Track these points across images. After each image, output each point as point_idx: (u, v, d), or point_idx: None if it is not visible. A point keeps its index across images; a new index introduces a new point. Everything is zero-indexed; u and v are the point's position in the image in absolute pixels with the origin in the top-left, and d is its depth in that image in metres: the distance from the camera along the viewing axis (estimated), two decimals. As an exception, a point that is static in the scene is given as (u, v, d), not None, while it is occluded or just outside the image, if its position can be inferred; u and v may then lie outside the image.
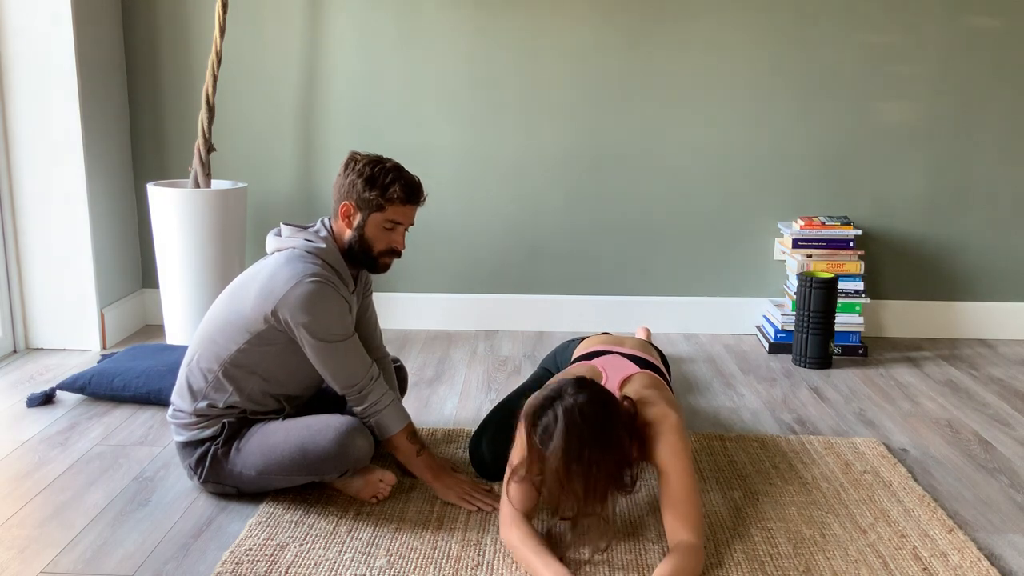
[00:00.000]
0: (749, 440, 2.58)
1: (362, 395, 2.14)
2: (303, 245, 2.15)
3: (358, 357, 2.13)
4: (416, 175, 2.19)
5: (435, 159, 3.61)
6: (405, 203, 2.15)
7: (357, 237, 2.16)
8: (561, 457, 1.78)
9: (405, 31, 3.51)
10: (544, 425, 1.83)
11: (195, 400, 2.16)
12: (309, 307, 2.04)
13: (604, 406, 1.86)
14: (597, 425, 1.82)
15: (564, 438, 1.79)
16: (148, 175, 3.63)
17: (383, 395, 2.16)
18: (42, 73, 3.18)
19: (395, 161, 2.17)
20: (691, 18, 3.46)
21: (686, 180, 3.60)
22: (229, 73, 3.52)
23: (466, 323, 3.74)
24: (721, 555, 1.96)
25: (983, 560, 1.94)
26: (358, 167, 2.13)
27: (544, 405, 1.86)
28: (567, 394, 1.85)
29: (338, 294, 2.10)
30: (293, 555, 1.94)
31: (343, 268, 2.18)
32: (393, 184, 2.12)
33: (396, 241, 2.19)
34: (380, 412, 2.15)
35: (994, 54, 3.46)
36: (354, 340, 2.13)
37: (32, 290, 3.34)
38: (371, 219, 2.14)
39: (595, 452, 1.80)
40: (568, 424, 1.80)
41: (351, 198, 2.14)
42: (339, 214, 2.17)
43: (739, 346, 3.55)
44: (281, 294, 2.05)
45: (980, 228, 3.61)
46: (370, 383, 2.14)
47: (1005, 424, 2.76)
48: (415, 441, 2.20)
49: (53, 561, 1.93)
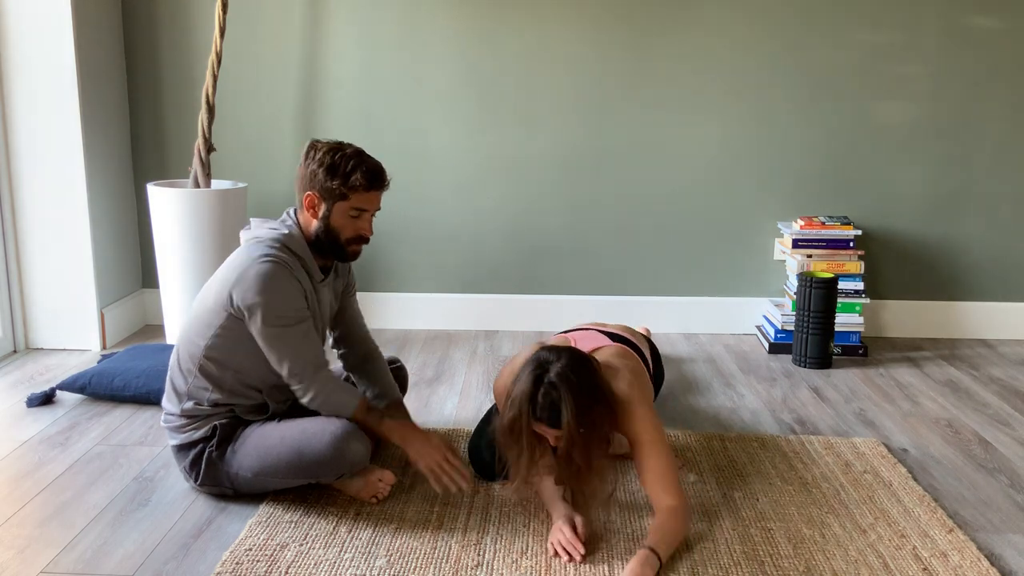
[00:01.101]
0: (749, 440, 2.58)
1: (305, 385, 2.09)
2: (266, 234, 2.13)
3: (308, 345, 2.09)
4: (378, 159, 2.15)
5: (435, 159, 3.61)
6: (368, 190, 2.11)
7: (323, 227, 2.13)
8: (575, 421, 1.83)
9: (405, 31, 3.51)
10: (547, 403, 1.85)
11: (181, 401, 2.16)
12: (260, 287, 2.02)
13: (584, 361, 1.93)
14: (590, 381, 1.89)
15: (573, 402, 1.83)
16: (148, 175, 3.63)
17: (327, 382, 2.11)
18: (42, 73, 3.18)
19: (355, 146, 2.13)
20: (691, 18, 3.46)
21: (686, 180, 3.60)
22: (229, 73, 3.52)
23: (466, 323, 3.74)
24: (721, 555, 1.96)
25: (983, 560, 1.94)
26: (318, 156, 2.09)
27: (535, 385, 1.88)
28: (550, 363, 1.89)
29: (292, 276, 2.06)
30: (293, 555, 1.94)
31: (308, 256, 2.15)
32: (355, 171, 2.08)
33: (363, 228, 2.16)
34: (327, 399, 2.11)
35: (994, 54, 3.46)
36: (305, 327, 2.09)
37: (32, 290, 3.34)
38: (336, 208, 2.11)
39: (597, 406, 1.86)
40: (569, 388, 1.84)
41: (314, 188, 2.10)
42: (304, 205, 2.13)
43: (739, 346, 3.55)
44: (234, 278, 2.05)
45: (980, 228, 3.61)
46: (315, 372, 2.09)
47: (1005, 424, 2.76)
48: (373, 412, 2.17)
49: (53, 561, 1.93)
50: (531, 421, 1.89)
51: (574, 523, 1.97)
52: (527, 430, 1.91)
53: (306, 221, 2.16)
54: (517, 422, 1.90)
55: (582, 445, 1.86)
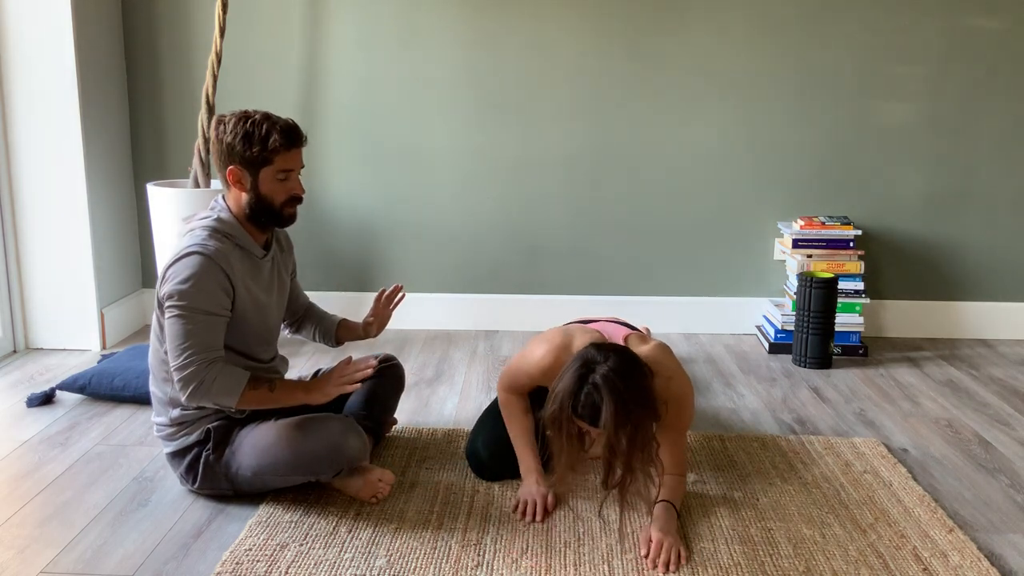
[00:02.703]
0: (749, 440, 2.58)
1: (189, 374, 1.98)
2: (197, 224, 2.11)
3: (206, 334, 2.01)
4: (289, 118, 2.12)
5: (435, 159, 3.61)
6: (289, 148, 2.08)
7: (254, 197, 2.09)
8: (613, 424, 1.84)
9: (405, 31, 3.51)
10: (589, 403, 1.86)
11: (168, 409, 2.15)
12: (178, 277, 2.00)
13: (634, 365, 1.92)
14: (635, 385, 1.88)
15: (614, 407, 1.83)
16: (148, 175, 3.63)
17: (208, 371, 2.00)
18: (42, 73, 3.18)
19: (262, 111, 2.09)
20: (691, 18, 3.46)
21: (686, 180, 3.60)
22: (229, 73, 3.52)
23: (466, 323, 3.74)
24: (721, 555, 1.96)
25: (983, 560, 1.94)
26: (230, 128, 2.05)
27: (579, 383, 1.88)
28: (597, 363, 1.89)
29: (216, 267, 2.01)
30: (293, 555, 1.94)
31: (242, 235, 2.12)
32: (271, 134, 2.04)
33: (293, 188, 2.12)
34: (211, 391, 2.00)
35: (994, 54, 3.46)
36: (213, 320, 2.02)
37: (32, 290, 3.34)
38: (262, 175, 2.08)
39: (640, 411, 1.87)
40: (612, 392, 1.84)
41: (234, 161, 2.07)
42: (229, 181, 2.10)
43: (739, 346, 3.55)
44: (162, 275, 2.05)
45: (980, 228, 3.61)
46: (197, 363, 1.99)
47: (1005, 424, 2.76)
48: (262, 386, 2.07)
49: (53, 561, 1.93)
50: (572, 417, 1.90)
51: (547, 494, 2.13)
52: (567, 425, 1.92)
53: (235, 197, 2.12)
54: (558, 417, 1.91)
55: (623, 448, 1.86)
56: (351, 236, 3.69)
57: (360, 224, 3.67)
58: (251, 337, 2.16)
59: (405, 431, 2.61)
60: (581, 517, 2.11)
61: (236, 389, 2.02)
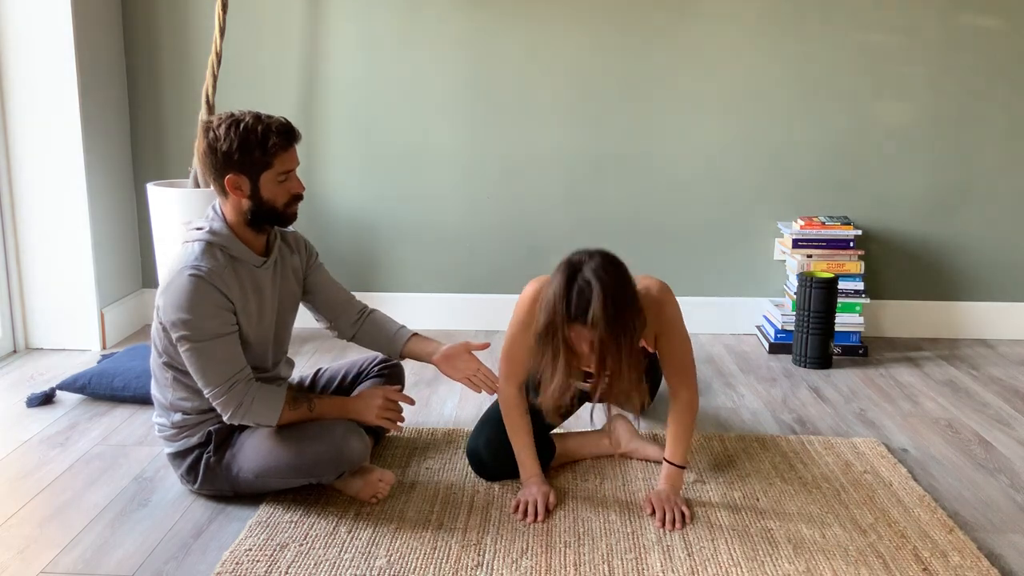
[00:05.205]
0: (749, 440, 2.57)
1: (222, 402, 2.02)
2: (193, 236, 2.07)
3: (222, 361, 2.01)
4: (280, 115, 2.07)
5: (435, 159, 3.61)
6: (288, 147, 2.04)
7: (256, 203, 2.04)
8: (604, 319, 1.83)
9: (405, 31, 3.51)
10: (582, 301, 1.85)
11: (169, 413, 2.15)
12: (178, 303, 1.97)
13: (619, 263, 1.94)
14: (623, 279, 1.91)
15: (608, 300, 1.84)
16: (148, 175, 3.63)
17: (244, 395, 2.02)
18: (42, 73, 3.18)
19: (250, 112, 2.02)
20: (690, 17, 3.46)
21: (686, 180, 3.60)
22: (229, 73, 3.52)
23: (466, 323, 3.74)
24: (721, 555, 1.96)
25: (983, 560, 1.94)
26: (222, 135, 1.98)
27: (569, 283, 1.88)
28: (583, 263, 1.90)
29: (213, 288, 1.98)
30: (293, 555, 1.94)
31: (238, 246, 2.07)
32: (268, 136, 1.98)
33: (294, 187, 2.08)
34: (247, 412, 2.04)
35: (994, 53, 3.46)
36: (223, 343, 2.01)
37: (32, 290, 3.34)
38: (263, 179, 2.02)
39: (630, 310, 1.88)
40: (602, 286, 1.85)
41: (232, 170, 2.00)
42: (226, 190, 2.02)
43: (739, 346, 3.55)
44: (163, 286, 2.03)
45: (980, 228, 3.61)
46: (230, 389, 2.01)
47: (1005, 424, 2.76)
48: (301, 405, 2.11)
49: (53, 561, 1.93)
50: (565, 323, 1.89)
51: (548, 493, 2.14)
52: (560, 334, 1.91)
53: (233, 204, 2.05)
54: (551, 326, 1.90)
55: (615, 348, 1.87)
56: (351, 236, 3.68)
57: (360, 224, 3.67)
58: (248, 349, 2.12)
59: (405, 431, 2.61)
60: (581, 517, 2.11)
61: (276, 407, 2.07)
